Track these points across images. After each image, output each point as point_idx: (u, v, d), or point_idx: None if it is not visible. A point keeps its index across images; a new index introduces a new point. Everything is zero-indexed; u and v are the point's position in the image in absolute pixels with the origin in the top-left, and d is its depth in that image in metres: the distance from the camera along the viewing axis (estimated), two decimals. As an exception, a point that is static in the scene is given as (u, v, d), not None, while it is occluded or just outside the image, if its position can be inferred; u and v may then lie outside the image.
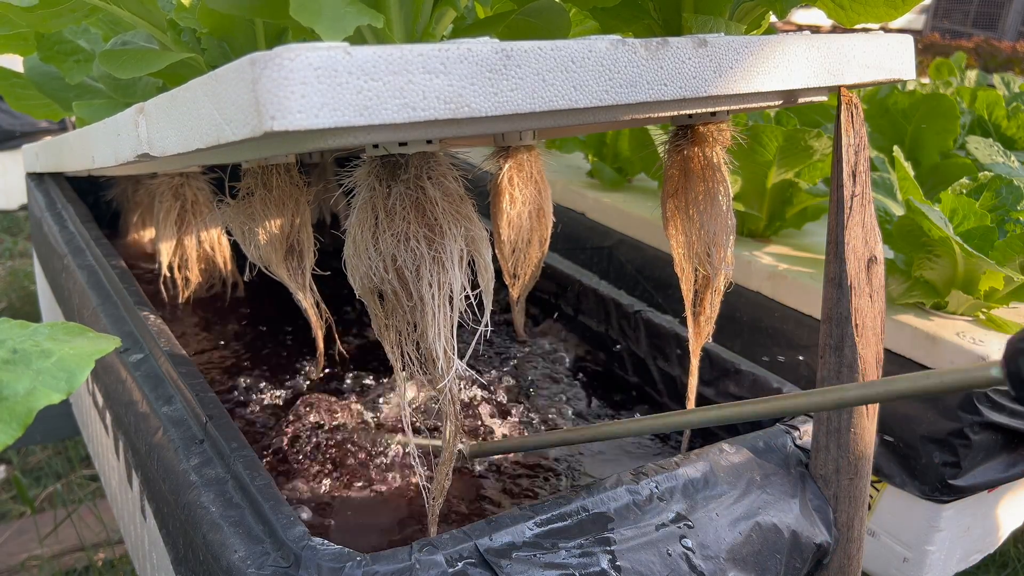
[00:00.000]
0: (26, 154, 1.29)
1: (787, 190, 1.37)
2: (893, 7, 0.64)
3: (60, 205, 1.14)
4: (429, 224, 0.52)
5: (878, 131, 1.60)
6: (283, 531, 0.50)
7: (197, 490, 0.56)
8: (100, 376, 0.82)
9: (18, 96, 1.17)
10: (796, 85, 0.55)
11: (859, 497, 0.63)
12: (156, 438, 0.64)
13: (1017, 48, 5.87)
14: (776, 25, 3.65)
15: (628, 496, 0.56)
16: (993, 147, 1.41)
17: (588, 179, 1.81)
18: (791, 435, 0.67)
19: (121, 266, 0.94)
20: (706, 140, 0.67)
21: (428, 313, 0.52)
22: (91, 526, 1.36)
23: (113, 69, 0.70)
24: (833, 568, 0.64)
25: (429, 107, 0.39)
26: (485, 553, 0.49)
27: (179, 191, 1.04)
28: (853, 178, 0.61)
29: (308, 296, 0.82)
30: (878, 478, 1.08)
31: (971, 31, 9.18)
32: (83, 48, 0.95)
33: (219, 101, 0.39)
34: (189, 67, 0.74)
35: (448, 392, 0.54)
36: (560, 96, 0.43)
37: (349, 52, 0.37)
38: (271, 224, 0.77)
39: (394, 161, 0.53)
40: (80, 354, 0.39)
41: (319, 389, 0.91)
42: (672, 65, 0.48)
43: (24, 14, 0.66)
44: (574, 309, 1.06)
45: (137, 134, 0.55)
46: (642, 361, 0.93)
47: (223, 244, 1.10)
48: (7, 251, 2.64)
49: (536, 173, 0.81)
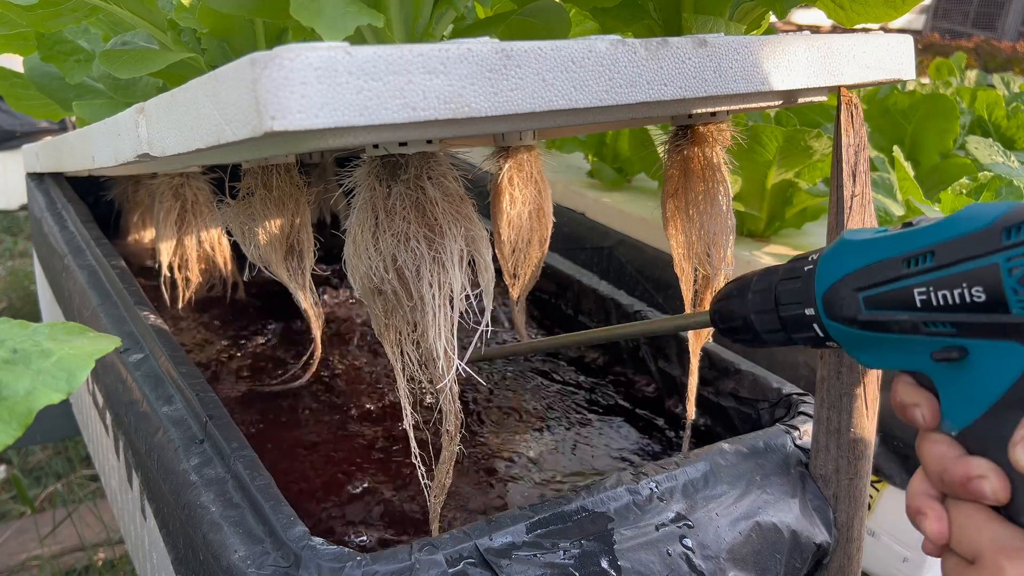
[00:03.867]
0: (26, 154, 1.29)
1: (787, 190, 1.37)
2: (893, 7, 0.64)
3: (60, 205, 1.14)
4: (429, 224, 0.52)
5: (878, 131, 1.60)
6: (283, 531, 0.50)
7: (197, 490, 0.56)
8: (100, 376, 0.82)
9: (18, 96, 1.17)
10: (796, 85, 0.55)
11: (859, 497, 0.63)
12: (156, 438, 0.64)
13: (1017, 48, 5.87)
14: (776, 25, 3.66)
15: (628, 496, 0.56)
16: (993, 147, 1.41)
17: (588, 179, 1.81)
18: (791, 435, 0.67)
19: (121, 266, 0.94)
20: (706, 140, 0.67)
21: (428, 313, 0.52)
22: (91, 526, 1.36)
23: (113, 69, 0.70)
24: (833, 568, 0.64)
25: (429, 107, 0.39)
26: (485, 553, 0.49)
27: (179, 191, 1.04)
28: (853, 178, 0.61)
29: (308, 296, 0.82)
30: (878, 478, 1.08)
31: (971, 31, 9.18)
32: (83, 48, 0.95)
33: (219, 101, 0.39)
34: (189, 67, 0.74)
35: (448, 391, 0.54)
36: (560, 96, 0.43)
37: (349, 52, 0.37)
38: (271, 224, 0.77)
39: (394, 161, 0.53)
40: (80, 354, 0.39)
41: (319, 388, 0.91)
42: (672, 65, 0.48)
43: (24, 14, 0.66)
44: (574, 309, 1.06)
45: (137, 134, 0.55)
46: (642, 361, 0.93)
47: (223, 244, 1.10)
48: (7, 251, 2.64)
49: (536, 173, 0.81)
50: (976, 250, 0.36)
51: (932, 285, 0.38)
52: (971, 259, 0.36)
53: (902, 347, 0.41)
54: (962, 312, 0.37)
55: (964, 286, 0.36)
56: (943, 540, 0.39)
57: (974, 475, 0.37)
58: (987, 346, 0.37)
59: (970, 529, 0.38)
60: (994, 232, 0.36)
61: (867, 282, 0.41)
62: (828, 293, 0.44)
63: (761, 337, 0.50)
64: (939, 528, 0.39)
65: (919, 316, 0.39)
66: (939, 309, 0.38)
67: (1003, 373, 0.37)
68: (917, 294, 0.39)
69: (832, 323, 0.44)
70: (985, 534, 0.37)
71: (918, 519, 0.40)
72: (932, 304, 0.38)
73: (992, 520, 0.37)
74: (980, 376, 0.38)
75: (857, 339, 0.43)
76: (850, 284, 0.42)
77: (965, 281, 0.36)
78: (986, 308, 0.36)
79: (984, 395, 0.38)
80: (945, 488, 0.39)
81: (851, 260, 0.43)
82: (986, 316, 0.36)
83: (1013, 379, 0.37)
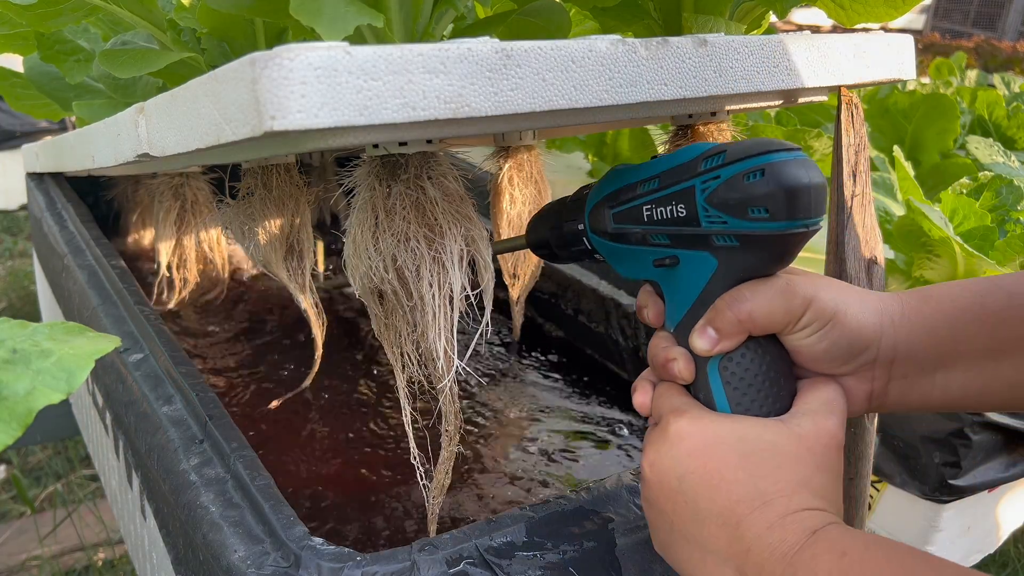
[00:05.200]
0: (26, 154, 1.28)
1: (787, 190, 1.36)
2: (893, 7, 0.64)
3: (60, 205, 1.14)
4: (429, 224, 0.52)
5: (878, 131, 1.60)
6: (283, 531, 0.50)
7: (197, 490, 0.56)
8: (100, 376, 0.82)
9: (18, 96, 1.17)
10: (796, 85, 0.55)
11: (859, 497, 0.63)
12: (156, 438, 0.64)
13: (1017, 48, 5.87)
14: (776, 25, 3.66)
15: (628, 496, 0.56)
16: (993, 147, 1.41)
17: (588, 179, 1.81)
18: (791, 435, 0.67)
19: (121, 266, 0.94)
20: (706, 140, 0.67)
21: (428, 313, 0.52)
22: (91, 526, 1.36)
23: (113, 69, 0.70)
24: (833, 568, 0.64)
25: (429, 107, 0.39)
26: (485, 553, 0.49)
27: (179, 191, 1.04)
28: (853, 178, 0.61)
29: (308, 297, 0.82)
30: (878, 478, 1.08)
31: (971, 31, 9.18)
32: (83, 48, 0.95)
33: (219, 101, 0.39)
34: (189, 67, 0.74)
35: (448, 391, 0.54)
36: (560, 96, 0.43)
37: (349, 52, 0.37)
38: (271, 224, 0.77)
39: (394, 161, 0.53)
40: (80, 354, 0.39)
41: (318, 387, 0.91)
42: (672, 65, 0.48)
43: (24, 13, 0.66)
44: (574, 309, 1.06)
45: (137, 134, 0.55)
46: (642, 361, 0.93)
47: (222, 244, 1.10)
48: (7, 251, 2.64)
49: (536, 173, 0.81)
50: (683, 175, 0.45)
51: (654, 203, 0.47)
52: (679, 183, 0.45)
53: (638, 257, 0.49)
54: (672, 226, 0.46)
55: (673, 203, 0.45)
56: (645, 411, 0.48)
57: (669, 358, 0.46)
58: (690, 256, 0.46)
59: (661, 400, 0.47)
60: (697, 162, 0.44)
61: (616, 201, 0.50)
62: (592, 211, 0.52)
63: (555, 251, 0.58)
64: (642, 400, 0.49)
65: (646, 229, 0.48)
66: (658, 223, 0.47)
67: (699, 278, 0.46)
68: (644, 211, 0.47)
69: (593, 236, 0.53)
70: (668, 402, 0.46)
71: (633, 395, 0.49)
72: (654, 219, 0.47)
73: (676, 393, 0.46)
74: (685, 281, 0.46)
75: (610, 250, 0.52)
76: (606, 203, 0.51)
77: (674, 200, 0.45)
78: (686, 222, 0.45)
79: (687, 296, 0.46)
80: (655, 372, 0.49)
81: (611, 184, 0.51)
82: (687, 229, 0.45)
83: (704, 282, 0.45)
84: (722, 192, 0.42)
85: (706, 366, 0.45)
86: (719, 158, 0.43)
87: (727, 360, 0.45)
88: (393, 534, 0.67)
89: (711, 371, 0.45)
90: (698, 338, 0.45)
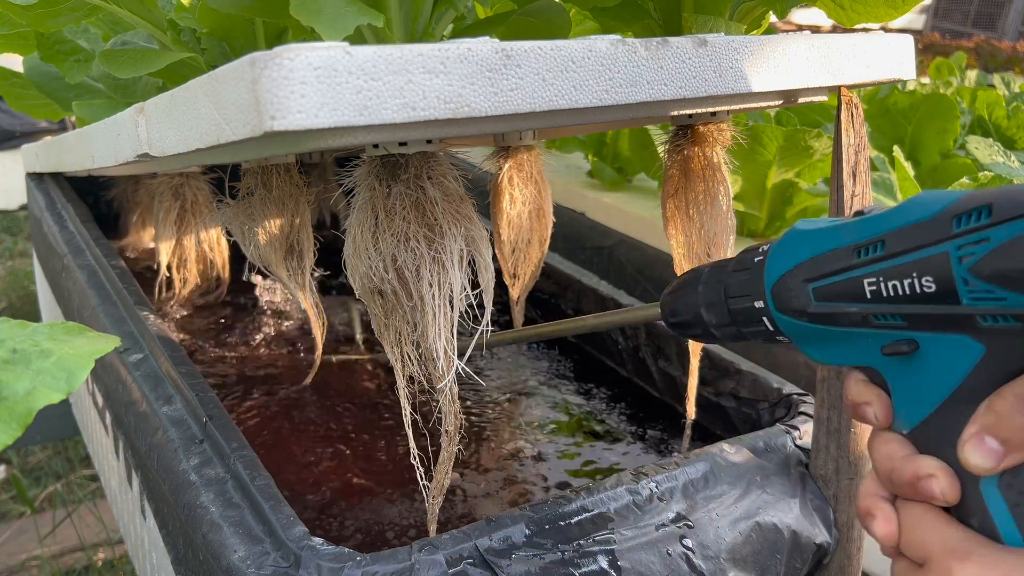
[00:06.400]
0: (26, 154, 1.28)
1: (787, 190, 1.37)
2: (893, 7, 0.64)
3: (60, 205, 1.14)
4: (429, 224, 0.52)
5: (878, 131, 1.60)
6: (283, 531, 0.50)
7: (197, 490, 0.56)
8: (100, 376, 0.82)
9: (18, 96, 1.17)
10: (796, 85, 0.55)
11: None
12: (156, 438, 0.64)
13: (1017, 48, 5.87)
14: (776, 25, 3.66)
15: (628, 496, 0.56)
16: (993, 147, 1.41)
17: (588, 179, 1.81)
18: (791, 435, 0.67)
19: (121, 266, 0.94)
20: (706, 140, 0.67)
21: (428, 313, 0.52)
22: (91, 526, 1.36)
23: (113, 69, 0.70)
24: (833, 568, 0.64)
25: (429, 107, 0.39)
26: (485, 553, 0.49)
27: (179, 191, 1.04)
28: (853, 178, 0.61)
29: (308, 296, 0.82)
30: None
31: (971, 31, 9.18)
32: (83, 48, 0.95)
33: (219, 101, 0.39)
34: (189, 67, 0.74)
35: (448, 391, 0.54)
36: (560, 96, 0.43)
37: (349, 52, 0.37)
38: (271, 224, 0.77)
39: (394, 161, 0.53)
40: (80, 354, 0.39)
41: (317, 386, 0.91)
42: (672, 65, 0.48)
43: (24, 13, 0.66)
44: (574, 309, 1.06)
45: (137, 134, 0.55)
46: (642, 361, 0.93)
47: (222, 244, 1.10)
48: (7, 251, 2.64)
49: (536, 173, 0.81)
50: (926, 238, 0.34)
51: (882, 275, 0.36)
52: (921, 248, 0.35)
53: (852, 341, 0.39)
54: (912, 303, 0.35)
55: (914, 276, 0.35)
56: (892, 542, 0.38)
57: (923, 474, 0.36)
58: (937, 339, 0.36)
59: (919, 531, 0.36)
60: (944, 219, 0.34)
61: (817, 273, 0.40)
62: (777, 285, 0.42)
63: (711, 331, 0.48)
64: (888, 530, 0.37)
65: (869, 308, 0.37)
66: (889, 300, 0.36)
67: (953, 368, 0.35)
68: (867, 285, 0.37)
69: (781, 316, 0.42)
70: (934, 536, 0.35)
71: (867, 521, 0.38)
72: (882, 295, 0.36)
73: (942, 522, 0.36)
74: (930, 371, 0.36)
75: (807, 333, 0.42)
76: (800, 275, 0.40)
77: (915, 270, 0.35)
78: (936, 299, 0.34)
79: (934, 391, 0.36)
80: (895, 489, 0.38)
81: (801, 250, 0.41)
82: (936, 307, 0.35)
83: (963, 374, 0.35)
84: (995, 261, 0.32)
85: (978, 484, 0.35)
86: (982, 215, 0.33)
87: (1012, 476, 0.34)
88: (393, 534, 0.67)
89: (987, 491, 0.35)
90: (973, 451, 0.34)
